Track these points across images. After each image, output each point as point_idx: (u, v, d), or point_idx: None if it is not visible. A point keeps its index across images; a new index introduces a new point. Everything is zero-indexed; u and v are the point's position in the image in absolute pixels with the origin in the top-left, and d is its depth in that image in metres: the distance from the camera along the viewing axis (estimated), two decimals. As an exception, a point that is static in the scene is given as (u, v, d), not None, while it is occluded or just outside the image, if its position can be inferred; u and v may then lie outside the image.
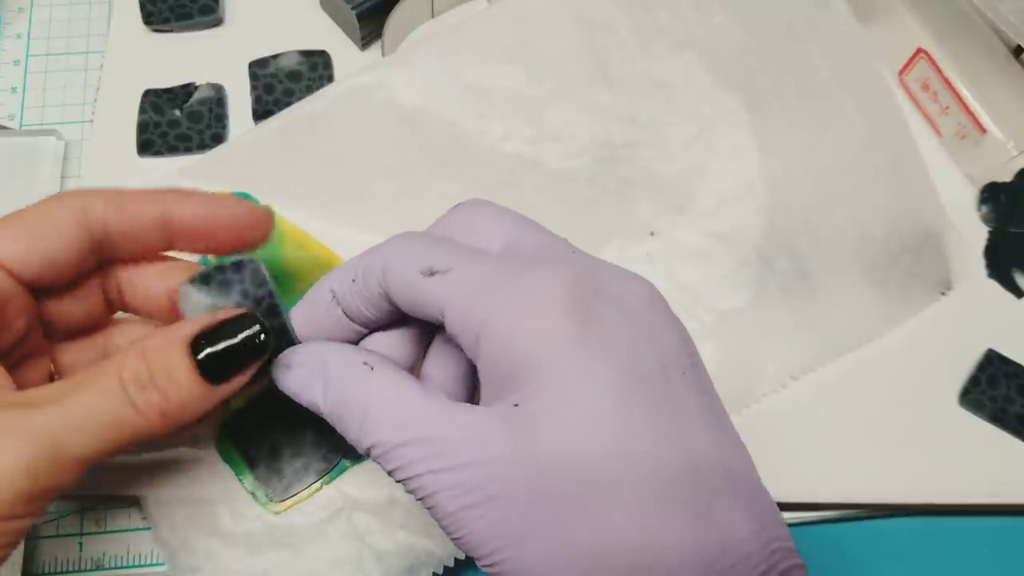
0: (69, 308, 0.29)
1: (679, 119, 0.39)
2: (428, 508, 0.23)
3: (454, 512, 0.22)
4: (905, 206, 0.39)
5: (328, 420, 0.25)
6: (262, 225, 0.29)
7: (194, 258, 0.31)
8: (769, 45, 0.40)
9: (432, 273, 0.24)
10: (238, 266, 0.27)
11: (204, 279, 0.27)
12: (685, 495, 0.22)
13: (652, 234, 0.37)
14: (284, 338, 0.28)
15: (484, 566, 0.23)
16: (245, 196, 0.36)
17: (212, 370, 0.25)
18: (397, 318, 0.27)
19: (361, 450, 0.24)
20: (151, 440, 0.25)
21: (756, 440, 0.35)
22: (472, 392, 0.28)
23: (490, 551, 0.22)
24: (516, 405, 0.22)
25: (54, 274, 0.27)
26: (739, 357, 0.36)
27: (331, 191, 0.37)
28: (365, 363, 0.25)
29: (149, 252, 0.29)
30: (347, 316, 0.27)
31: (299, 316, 0.28)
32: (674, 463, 0.22)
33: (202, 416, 0.26)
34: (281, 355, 0.27)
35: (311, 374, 0.26)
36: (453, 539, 0.23)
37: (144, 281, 0.29)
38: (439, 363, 0.27)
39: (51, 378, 0.28)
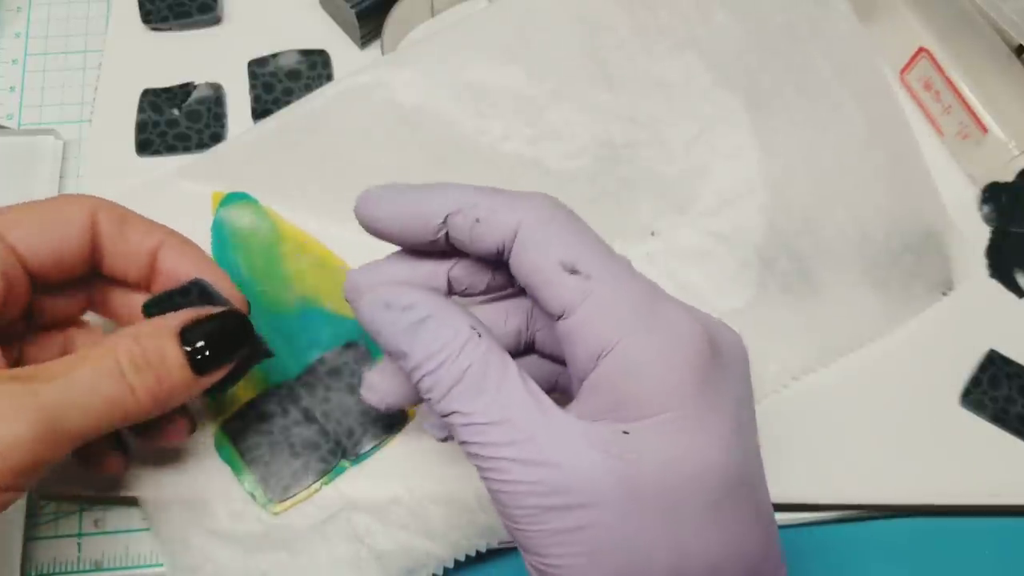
0: (55, 303, 0.30)
1: (679, 119, 0.39)
2: (496, 492, 0.23)
3: (530, 507, 0.22)
4: (906, 206, 0.39)
5: (405, 368, 0.24)
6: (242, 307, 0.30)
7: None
8: (770, 44, 0.40)
9: (573, 271, 0.23)
10: (185, 290, 0.28)
11: (156, 304, 0.28)
12: (752, 539, 0.24)
13: (653, 234, 0.37)
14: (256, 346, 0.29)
15: (538, 565, 0.23)
16: (244, 196, 0.36)
17: (198, 361, 0.26)
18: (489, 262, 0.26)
19: (441, 412, 0.23)
20: (134, 421, 0.26)
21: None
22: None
23: (554, 554, 0.22)
24: (625, 433, 0.23)
25: (57, 269, 0.28)
26: (740, 358, 0.35)
27: (331, 191, 0.37)
28: (473, 328, 0.24)
29: (132, 277, 0.29)
30: (446, 241, 0.26)
31: (388, 212, 0.26)
32: (750, 509, 0.24)
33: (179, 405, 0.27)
34: (383, 291, 0.25)
35: (410, 318, 0.24)
36: (515, 529, 0.23)
37: (130, 297, 0.30)
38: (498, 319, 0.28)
39: (16, 364, 0.29)
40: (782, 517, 0.34)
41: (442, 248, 0.26)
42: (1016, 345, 0.37)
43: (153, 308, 0.28)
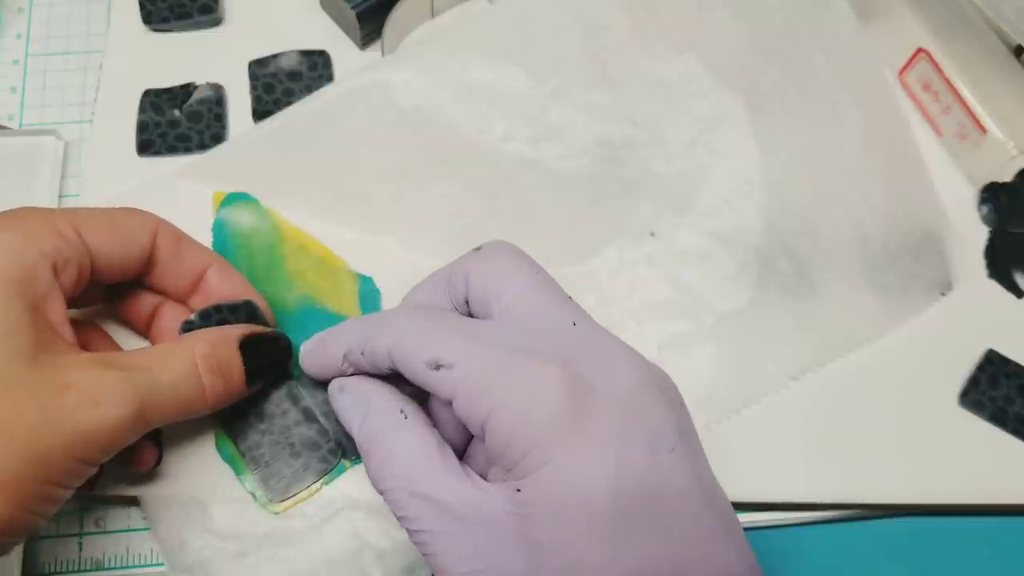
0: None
1: (679, 119, 0.39)
2: (429, 563, 0.25)
3: (453, 574, 0.24)
4: (905, 206, 0.39)
5: (355, 440, 0.28)
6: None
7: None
8: (770, 45, 0.40)
9: (438, 367, 0.26)
10: (235, 307, 0.31)
11: (204, 316, 0.30)
12: (668, 559, 0.24)
13: (652, 235, 0.37)
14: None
15: None
16: (245, 196, 0.37)
17: (251, 372, 0.29)
18: None
19: (376, 488, 0.26)
20: (193, 417, 0.28)
21: (756, 440, 0.35)
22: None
23: None
24: (518, 491, 0.24)
25: (117, 273, 0.30)
26: (739, 358, 0.35)
27: (331, 191, 0.37)
28: (401, 411, 0.27)
29: (173, 290, 0.31)
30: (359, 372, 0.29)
31: (313, 365, 0.30)
32: (659, 531, 0.24)
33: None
34: (340, 378, 0.29)
35: (355, 403, 0.28)
36: None
37: (173, 312, 0.32)
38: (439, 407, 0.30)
39: None
40: (782, 517, 0.35)
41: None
42: (1015, 345, 0.37)
43: (202, 318, 0.30)
